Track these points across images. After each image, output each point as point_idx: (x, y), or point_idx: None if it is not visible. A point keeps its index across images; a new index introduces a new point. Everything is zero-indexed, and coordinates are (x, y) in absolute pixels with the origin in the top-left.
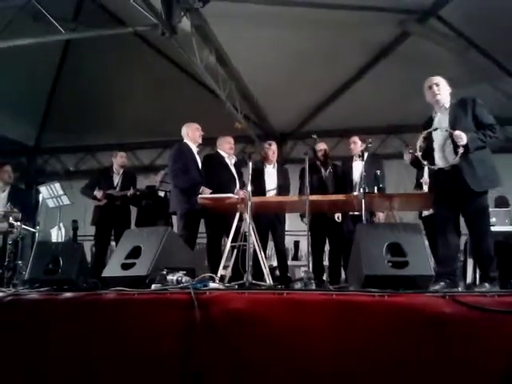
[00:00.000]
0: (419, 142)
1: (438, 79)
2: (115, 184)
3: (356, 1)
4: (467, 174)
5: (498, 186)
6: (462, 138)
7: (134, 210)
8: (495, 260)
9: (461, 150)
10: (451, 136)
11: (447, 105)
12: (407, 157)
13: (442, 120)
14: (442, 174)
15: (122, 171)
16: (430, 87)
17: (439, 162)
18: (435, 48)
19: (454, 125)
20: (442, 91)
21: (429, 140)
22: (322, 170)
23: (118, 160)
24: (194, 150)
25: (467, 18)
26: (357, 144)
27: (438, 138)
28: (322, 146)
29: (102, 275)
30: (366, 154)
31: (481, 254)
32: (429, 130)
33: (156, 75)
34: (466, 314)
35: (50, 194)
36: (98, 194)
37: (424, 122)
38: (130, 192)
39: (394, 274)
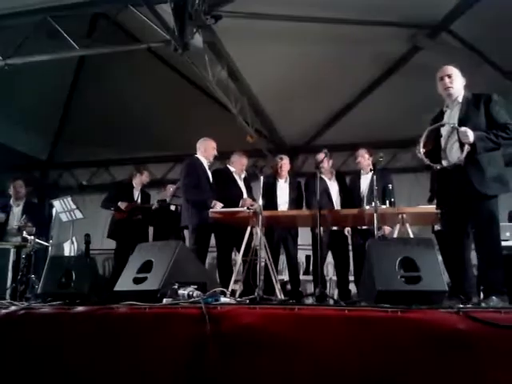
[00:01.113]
0: (423, 138)
1: (451, 69)
2: (135, 198)
3: (366, 16)
4: (474, 176)
5: (509, 191)
6: (468, 135)
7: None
8: (503, 272)
9: (466, 148)
10: (457, 133)
11: (460, 98)
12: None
13: (452, 115)
14: (447, 174)
15: (140, 187)
16: (442, 78)
17: (443, 161)
18: (447, 62)
19: (463, 121)
20: (455, 83)
21: (435, 136)
22: (327, 181)
23: (144, 178)
24: (206, 164)
25: (479, 32)
26: (364, 157)
27: (445, 134)
28: (321, 157)
29: (114, 289)
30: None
31: (488, 265)
32: (435, 126)
33: (168, 90)
34: (479, 330)
35: (63, 208)
36: (122, 205)
37: (433, 116)
38: (155, 205)
39: (406, 289)
